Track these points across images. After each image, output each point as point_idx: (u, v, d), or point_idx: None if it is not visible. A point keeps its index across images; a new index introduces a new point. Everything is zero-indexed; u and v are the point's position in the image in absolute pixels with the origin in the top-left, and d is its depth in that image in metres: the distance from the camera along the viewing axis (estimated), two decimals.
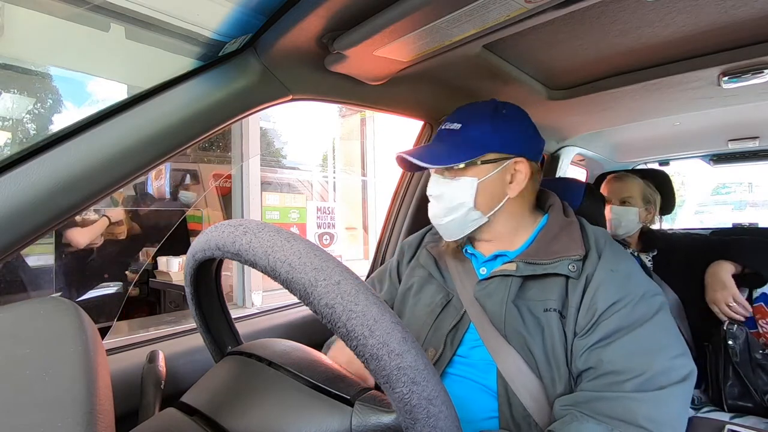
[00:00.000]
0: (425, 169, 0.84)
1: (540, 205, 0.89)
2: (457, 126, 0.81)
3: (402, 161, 0.84)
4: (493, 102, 0.84)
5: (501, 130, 0.79)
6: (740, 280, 1.25)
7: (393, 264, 1.00)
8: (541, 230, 0.81)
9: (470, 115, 0.82)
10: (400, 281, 0.97)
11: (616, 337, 0.65)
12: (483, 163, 0.78)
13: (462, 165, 0.78)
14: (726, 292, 1.22)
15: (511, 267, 0.76)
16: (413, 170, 1.05)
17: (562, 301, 0.71)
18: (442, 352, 0.78)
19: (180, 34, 0.70)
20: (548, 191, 0.90)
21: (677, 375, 0.62)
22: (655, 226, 2.08)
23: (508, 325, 0.72)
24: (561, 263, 0.72)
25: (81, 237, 2.62)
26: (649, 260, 1.47)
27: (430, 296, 0.86)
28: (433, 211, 0.83)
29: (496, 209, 0.80)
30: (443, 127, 0.84)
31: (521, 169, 0.79)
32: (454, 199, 0.79)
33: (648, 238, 1.50)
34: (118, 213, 2.99)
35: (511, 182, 0.79)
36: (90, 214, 3.00)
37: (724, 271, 1.24)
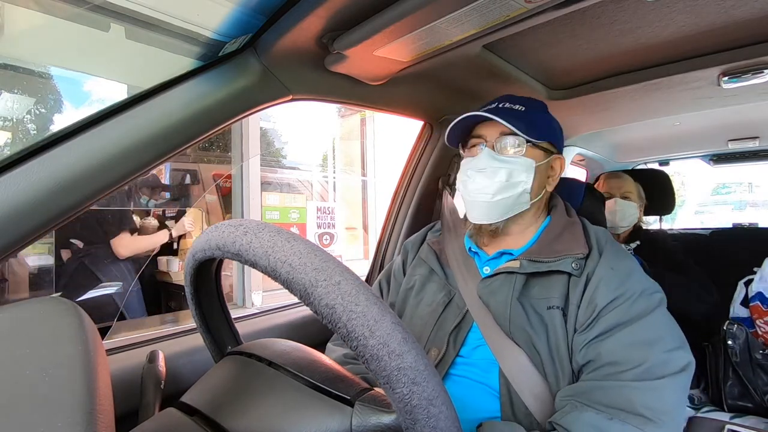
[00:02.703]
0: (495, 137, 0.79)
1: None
2: (521, 108, 0.80)
3: (457, 129, 0.81)
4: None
5: (554, 126, 0.84)
6: None
7: (398, 263, 1.01)
8: (544, 230, 0.82)
9: (529, 103, 0.83)
10: None
11: (614, 331, 0.66)
12: (541, 149, 0.80)
13: (526, 146, 0.77)
14: None
15: (515, 264, 0.76)
16: (455, 143, 0.88)
17: (564, 299, 0.72)
18: (445, 352, 0.78)
19: (180, 34, 0.70)
20: (551, 192, 0.90)
21: (675, 366, 0.62)
22: (655, 226, 2.09)
23: (513, 322, 0.73)
24: (564, 261, 0.73)
25: (127, 246, 2.32)
26: (630, 250, 1.52)
27: (432, 295, 0.86)
28: (480, 187, 0.78)
29: (537, 199, 0.82)
30: (504, 105, 0.81)
31: (558, 166, 0.84)
32: (513, 176, 0.77)
33: (634, 233, 1.58)
34: (181, 227, 2.74)
35: (549, 177, 0.83)
36: (150, 220, 2.78)
37: None
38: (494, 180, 0.77)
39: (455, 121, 0.80)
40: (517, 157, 0.78)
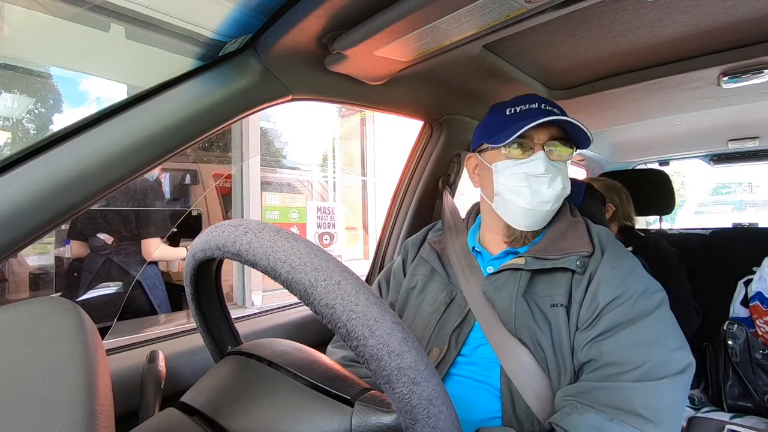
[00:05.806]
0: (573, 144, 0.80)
1: None
2: (557, 112, 0.79)
3: (502, 127, 0.78)
4: None
5: None
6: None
7: (398, 263, 1.01)
8: (549, 229, 0.82)
9: (554, 104, 0.81)
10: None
11: (616, 330, 0.66)
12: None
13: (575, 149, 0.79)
14: None
15: (520, 261, 0.77)
16: (501, 141, 0.77)
17: (567, 297, 0.72)
18: (447, 351, 0.78)
19: (180, 34, 0.70)
20: None
21: (676, 366, 0.62)
22: (655, 226, 2.09)
23: (518, 319, 0.73)
24: (569, 258, 0.73)
25: (156, 248, 2.32)
26: None
27: (434, 294, 0.86)
28: (545, 196, 0.76)
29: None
30: (545, 107, 0.79)
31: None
32: (565, 182, 0.78)
33: (627, 236, 1.58)
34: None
35: None
36: None
37: None
38: (553, 187, 0.76)
39: (534, 123, 0.72)
40: (566, 162, 0.79)
